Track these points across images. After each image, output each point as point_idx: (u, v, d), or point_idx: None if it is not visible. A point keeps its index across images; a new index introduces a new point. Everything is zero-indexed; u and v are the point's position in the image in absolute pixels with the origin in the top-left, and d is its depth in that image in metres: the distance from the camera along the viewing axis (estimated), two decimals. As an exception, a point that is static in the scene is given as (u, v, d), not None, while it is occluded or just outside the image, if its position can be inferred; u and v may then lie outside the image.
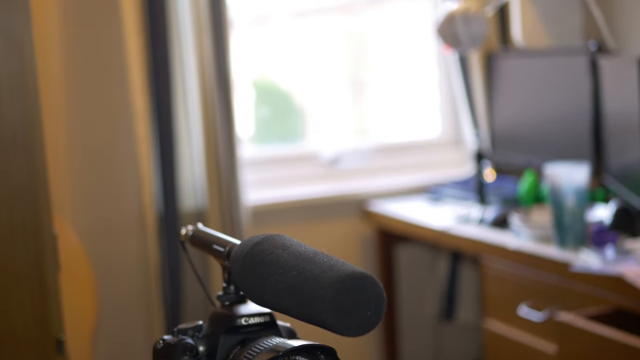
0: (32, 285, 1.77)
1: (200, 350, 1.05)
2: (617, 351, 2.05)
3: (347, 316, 0.81)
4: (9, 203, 1.75)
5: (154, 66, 3.02)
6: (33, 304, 1.78)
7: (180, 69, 3.06)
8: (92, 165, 3.06)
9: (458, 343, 3.62)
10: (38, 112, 1.78)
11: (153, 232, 3.04)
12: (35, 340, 1.79)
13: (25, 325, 1.78)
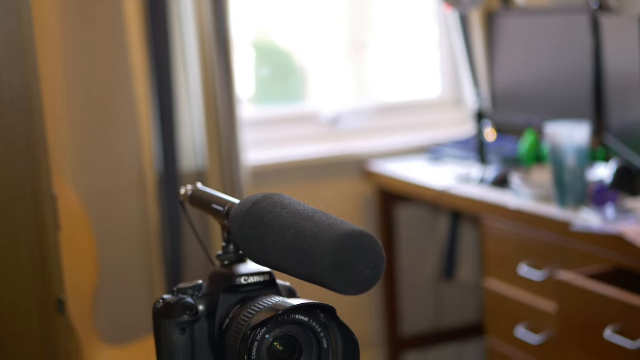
0: (32, 246, 1.77)
1: (200, 310, 1.06)
2: (617, 310, 2.06)
3: (346, 274, 0.81)
4: (8, 164, 1.74)
5: (153, 27, 3.00)
6: (33, 264, 1.78)
7: (179, 29, 3.05)
8: (91, 128, 3.05)
9: (458, 302, 3.63)
10: (36, 73, 1.77)
11: (153, 193, 3.04)
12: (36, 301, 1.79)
13: (26, 286, 1.78)
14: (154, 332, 1.07)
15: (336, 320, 0.94)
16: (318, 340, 0.94)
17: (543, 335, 2.46)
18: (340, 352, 0.95)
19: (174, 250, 3.05)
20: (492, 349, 2.73)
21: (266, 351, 0.93)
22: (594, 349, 2.16)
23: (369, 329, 3.52)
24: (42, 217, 1.78)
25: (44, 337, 1.81)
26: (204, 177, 3.05)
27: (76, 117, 3.02)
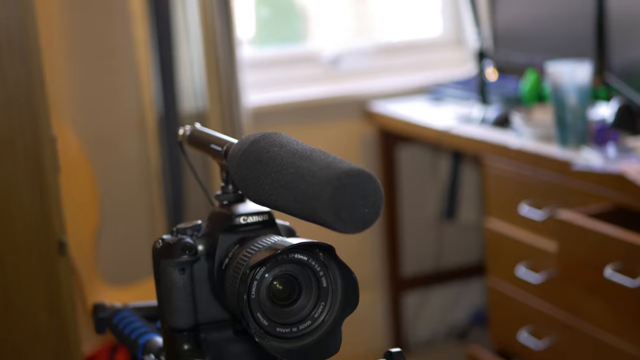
0: (32, 187, 1.77)
1: (199, 249, 1.05)
2: (618, 248, 2.06)
3: (344, 213, 0.81)
4: (6, 105, 1.74)
5: (151, -33, 2.97)
6: (33, 205, 1.78)
7: (178, -31, 3.02)
8: (91, 70, 3.04)
9: (459, 242, 3.65)
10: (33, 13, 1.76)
11: (153, 134, 3.04)
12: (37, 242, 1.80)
13: (26, 227, 1.78)
14: (154, 272, 1.08)
15: (335, 259, 0.94)
16: (317, 279, 0.95)
17: (543, 274, 2.47)
18: (340, 290, 0.95)
19: (175, 191, 3.05)
20: (493, 289, 2.74)
21: (265, 290, 0.93)
22: (594, 287, 2.17)
23: (370, 270, 3.54)
24: (42, 159, 1.77)
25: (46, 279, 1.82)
26: (204, 118, 3.04)
27: (75, 58, 3.00)
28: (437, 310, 3.66)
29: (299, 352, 0.94)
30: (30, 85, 1.75)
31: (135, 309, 1.32)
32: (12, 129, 1.75)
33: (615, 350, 2.18)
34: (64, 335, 1.86)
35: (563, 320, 2.40)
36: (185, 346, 1.06)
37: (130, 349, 1.23)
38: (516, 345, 2.64)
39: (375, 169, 3.40)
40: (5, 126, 1.74)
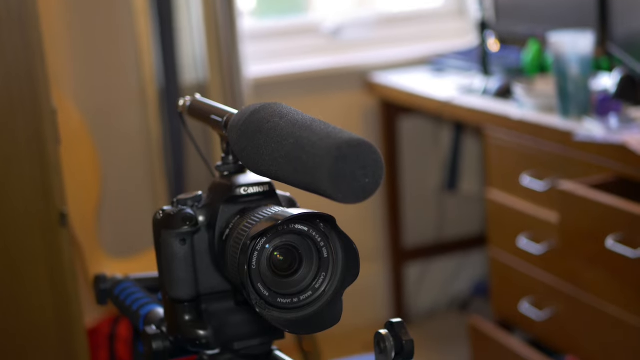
0: (33, 160, 1.77)
1: (200, 220, 1.05)
2: (619, 219, 2.06)
3: (344, 183, 0.81)
4: (6, 78, 1.73)
5: (151, -64, 2.95)
6: (34, 177, 1.78)
7: (178, -61, 3.00)
8: (91, 41, 3.03)
9: (461, 213, 3.65)
10: (32, -17, 1.75)
11: (154, 106, 3.03)
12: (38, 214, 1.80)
13: (27, 199, 1.78)
14: (155, 243, 1.08)
15: (336, 230, 0.94)
16: (318, 250, 0.94)
17: (545, 245, 2.47)
18: (340, 261, 0.95)
19: (176, 163, 3.05)
20: (494, 260, 2.75)
21: (266, 261, 0.93)
22: (596, 258, 2.17)
23: (372, 241, 3.54)
24: (42, 131, 1.77)
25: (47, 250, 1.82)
26: (204, 89, 3.03)
27: (74, 30, 2.99)
28: (438, 281, 3.66)
29: (299, 322, 0.94)
30: (30, 56, 1.74)
31: (137, 280, 1.32)
32: (12, 101, 1.74)
33: (616, 321, 2.19)
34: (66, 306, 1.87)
35: (564, 290, 2.40)
36: (186, 317, 1.06)
37: (132, 319, 1.23)
38: (517, 315, 2.65)
39: (377, 140, 3.39)
40: (5, 98, 1.74)
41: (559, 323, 2.46)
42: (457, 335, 3.38)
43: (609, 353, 2.27)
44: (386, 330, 1.05)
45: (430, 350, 3.30)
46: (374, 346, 1.06)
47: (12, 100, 1.74)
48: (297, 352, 2.69)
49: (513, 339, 2.67)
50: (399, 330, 1.04)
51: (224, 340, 1.07)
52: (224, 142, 1.10)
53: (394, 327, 1.05)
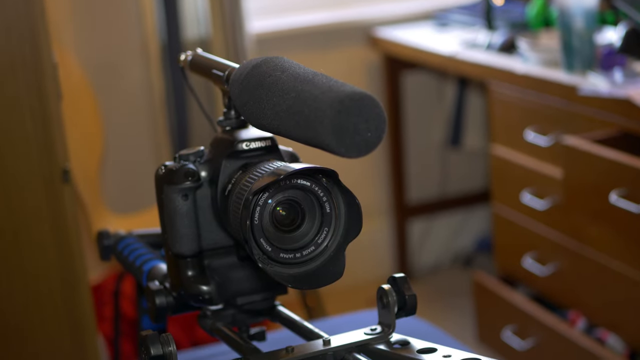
0: (34, 115, 1.76)
1: (202, 176, 1.05)
2: (623, 174, 2.06)
3: (346, 137, 0.80)
4: (6, 32, 1.72)
5: None
6: (36, 133, 1.77)
7: None
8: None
9: (464, 169, 3.64)
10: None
11: (156, 61, 3.01)
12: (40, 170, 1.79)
13: (29, 155, 1.78)
14: (157, 199, 1.07)
15: (338, 185, 0.93)
16: (320, 205, 0.94)
17: (548, 200, 2.47)
18: (343, 216, 0.94)
19: (179, 118, 3.04)
20: (498, 215, 2.74)
21: (268, 216, 0.93)
22: (599, 213, 2.17)
23: (375, 197, 3.54)
24: (43, 86, 1.76)
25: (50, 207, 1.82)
26: (207, 44, 3.02)
27: (76, -15, 2.97)
28: (442, 237, 3.67)
29: (302, 277, 0.94)
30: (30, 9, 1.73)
31: (140, 236, 1.32)
32: (12, 55, 1.73)
33: (619, 276, 2.19)
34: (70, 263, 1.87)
35: (568, 246, 2.40)
36: (189, 272, 1.06)
37: (135, 275, 1.23)
38: (521, 271, 2.65)
39: (380, 95, 3.38)
40: (5, 52, 1.73)
41: (562, 278, 2.46)
42: (460, 291, 3.39)
43: (612, 308, 2.28)
44: (389, 285, 1.05)
45: (434, 305, 3.32)
46: (376, 301, 1.06)
47: (12, 55, 1.73)
48: (301, 308, 2.70)
49: (516, 294, 2.68)
50: (402, 285, 1.04)
51: (226, 295, 1.07)
52: (226, 97, 1.09)
53: (397, 282, 1.05)
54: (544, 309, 2.57)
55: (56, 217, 1.83)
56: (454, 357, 0.96)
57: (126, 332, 2.48)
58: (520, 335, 2.61)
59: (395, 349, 1.02)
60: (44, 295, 1.87)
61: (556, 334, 2.44)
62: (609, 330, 2.33)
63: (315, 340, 1.04)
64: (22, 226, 1.82)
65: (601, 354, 2.27)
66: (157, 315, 1.09)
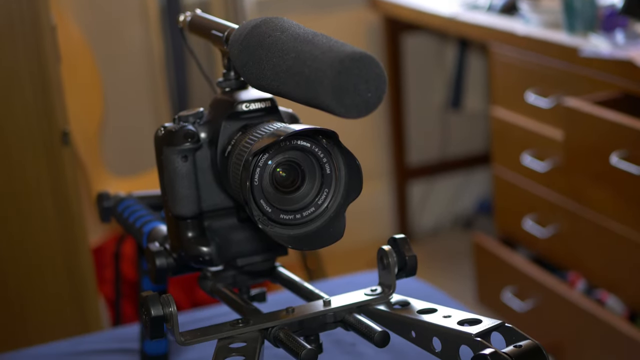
0: (33, 78, 1.76)
1: (202, 137, 1.05)
2: (624, 136, 2.05)
3: (346, 97, 0.79)
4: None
5: None
6: (35, 96, 1.77)
7: None
8: (90, -44, 2.98)
9: (465, 131, 3.64)
10: None
11: (156, 23, 3.00)
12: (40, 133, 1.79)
13: (29, 118, 1.78)
14: (157, 160, 1.07)
15: (338, 146, 0.93)
16: (321, 166, 0.94)
17: (549, 162, 2.47)
18: (343, 177, 0.94)
19: (179, 81, 3.03)
20: (498, 177, 2.74)
21: (268, 177, 0.92)
22: (600, 175, 2.17)
23: (376, 160, 3.54)
24: (42, 48, 1.75)
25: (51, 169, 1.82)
26: (206, 5, 3.00)
27: (74, -54, 2.95)
28: (442, 199, 3.67)
29: (302, 238, 0.94)
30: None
31: (140, 197, 1.32)
32: (11, 18, 1.72)
33: (619, 237, 2.19)
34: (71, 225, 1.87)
35: (568, 208, 2.41)
36: (190, 233, 1.06)
37: (135, 237, 1.23)
38: (521, 233, 2.66)
39: (381, 57, 3.37)
40: (4, 14, 1.72)
41: (562, 240, 2.46)
42: (460, 253, 3.40)
43: (612, 269, 2.28)
44: (389, 246, 1.05)
45: (434, 267, 3.33)
46: (377, 262, 1.06)
47: (11, 16, 1.72)
48: (301, 270, 2.71)
49: (516, 256, 2.68)
50: (402, 246, 1.04)
51: (227, 256, 1.07)
52: (225, 58, 1.08)
53: (397, 243, 1.05)
54: (543, 270, 2.58)
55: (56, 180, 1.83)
56: (454, 317, 0.96)
57: (127, 294, 2.49)
58: (520, 296, 2.62)
59: (396, 310, 1.02)
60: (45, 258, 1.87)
61: (556, 295, 2.45)
62: (609, 291, 2.34)
63: (316, 301, 1.04)
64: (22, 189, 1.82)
65: (601, 315, 2.28)
66: (158, 276, 1.09)
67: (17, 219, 1.83)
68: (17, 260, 1.86)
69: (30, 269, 1.87)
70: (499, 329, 0.94)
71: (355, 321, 1.02)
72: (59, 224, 1.86)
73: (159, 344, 1.45)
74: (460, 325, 0.94)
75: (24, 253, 1.86)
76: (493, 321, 0.94)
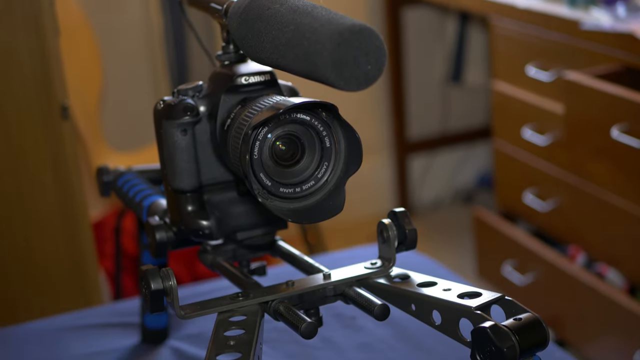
0: (32, 52, 1.75)
1: (201, 110, 1.04)
2: (625, 109, 2.05)
3: (346, 70, 0.79)
4: (2, -33, 1.70)
5: None
6: (34, 70, 1.76)
7: None
8: None
9: (465, 105, 3.63)
10: None
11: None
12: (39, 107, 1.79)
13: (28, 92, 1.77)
14: (156, 134, 1.07)
15: (338, 119, 0.92)
16: (320, 139, 0.93)
17: (549, 136, 2.46)
18: (343, 150, 0.94)
19: (178, 54, 3.02)
20: (499, 151, 2.74)
21: (268, 150, 0.92)
22: (601, 149, 2.16)
23: (376, 134, 3.53)
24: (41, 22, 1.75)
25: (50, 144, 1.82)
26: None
27: None
28: (442, 173, 3.67)
29: (302, 212, 0.93)
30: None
31: (139, 171, 1.32)
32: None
33: (620, 211, 2.19)
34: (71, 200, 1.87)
35: (568, 181, 2.40)
36: (189, 207, 1.06)
37: (135, 211, 1.23)
38: (521, 206, 2.66)
39: (381, 30, 3.35)
40: (2, -12, 1.71)
41: (563, 214, 2.46)
42: (461, 227, 3.40)
43: (612, 243, 2.28)
44: (389, 219, 1.05)
45: (434, 241, 3.33)
46: (377, 236, 1.06)
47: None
48: (302, 244, 2.71)
49: (516, 230, 2.68)
50: (402, 219, 1.04)
51: (227, 230, 1.07)
52: (224, 31, 1.08)
53: (397, 216, 1.04)
54: (544, 244, 2.58)
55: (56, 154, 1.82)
56: (454, 290, 0.96)
57: (128, 268, 2.49)
58: (520, 270, 2.62)
59: (396, 283, 1.02)
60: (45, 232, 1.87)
61: (556, 269, 2.45)
62: (609, 265, 2.34)
63: (316, 275, 1.05)
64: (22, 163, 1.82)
65: (601, 288, 2.28)
66: (158, 250, 1.09)
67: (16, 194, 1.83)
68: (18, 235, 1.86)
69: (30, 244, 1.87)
70: (499, 302, 0.94)
71: (355, 294, 1.02)
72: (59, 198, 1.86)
73: (159, 318, 1.45)
74: (460, 298, 0.94)
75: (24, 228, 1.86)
76: (493, 294, 0.94)
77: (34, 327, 1.56)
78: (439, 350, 1.39)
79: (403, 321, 1.43)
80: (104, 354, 1.45)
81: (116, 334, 1.52)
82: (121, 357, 1.44)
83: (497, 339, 0.85)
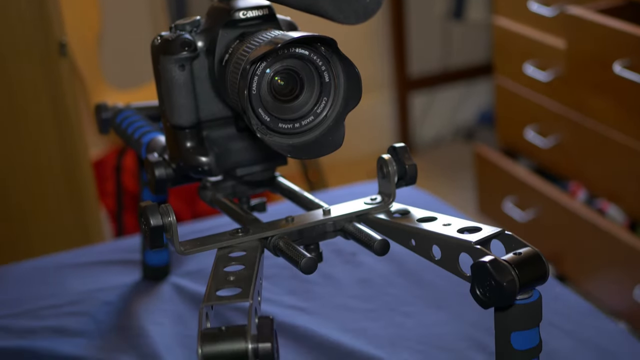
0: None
1: (199, 46, 1.03)
2: (628, 44, 2.03)
3: (345, 2, 0.78)
4: None
5: None
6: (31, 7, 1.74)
7: None
8: None
9: (467, 42, 3.60)
10: None
11: None
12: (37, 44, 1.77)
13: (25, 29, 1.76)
14: (154, 70, 1.06)
15: (337, 53, 0.91)
16: (319, 74, 0.92)
17: (551, 72, 2.45)
18: (342, 85, 0.93)
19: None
20: (500, 87, 2.72)
21: (267, 85, 0.91)
22: (603, 84, 2.15)
23: (377, 70, 3.51)
24: (37, -43, 1.73)
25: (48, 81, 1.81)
26: None
27: None
28: (443, 110, 3.66)
29: (301, 147, 0.93)
30: None
31: (138, 108, 1.31)
32: None
33: (621, 147, 2.19)
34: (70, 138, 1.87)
35: (570, 117, 2.39)
36: (188, 143, 1.05)
37: (134, 148, 1.22)
38: (522, 143, 2.65)
39: (382, -34, 3.32)
40: None
41: (564, 150, 2.46)
42: (462, 164, 3.40)
43: (614, 179, 2.28)
44: (389, 154, 1.04)
45: (435, 178, 3.33)
46: (377, 171, 1.06)
47: None
48: (302, 182, 2.71)
49: (518, 166, 2.68)
50: (402, 154, 1.04)
51: (226, 166, 1.07)
52: (223, -37, 1.06)
53: (397, 151, 1.04)
54: (544, 180, 2.58)
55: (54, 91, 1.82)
56: (454, 225, 0.96)
57: (129, 206, 2.50)
58: (520, 206, 2.62)
59: (395, 218, 1.02)
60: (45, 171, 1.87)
61: (557, 205, 2.45)
62: (610, 201, 2.34)
63: (315, 210, 1.04)
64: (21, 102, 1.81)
65: (601, 224, 2.29)
66: (157, 187, 1.08)
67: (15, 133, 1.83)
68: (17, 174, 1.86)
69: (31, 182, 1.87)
70: (499, 236, 0.94)
71: (355, 230, 1.02)
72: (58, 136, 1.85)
73: (160, 255, 1.45)
74: (460, 233, 0.94)
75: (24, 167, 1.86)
76: (493, 229, 0.94)
77: (35, 264, 1.57)
78: (439, 285, 1.39)
79: (403, 257, 1.44)
80: (105, 290, 1.46)
81: (117, 271, 1.52)
82: (122, 293, 1.45)
83: (496, 273, 0.85)
